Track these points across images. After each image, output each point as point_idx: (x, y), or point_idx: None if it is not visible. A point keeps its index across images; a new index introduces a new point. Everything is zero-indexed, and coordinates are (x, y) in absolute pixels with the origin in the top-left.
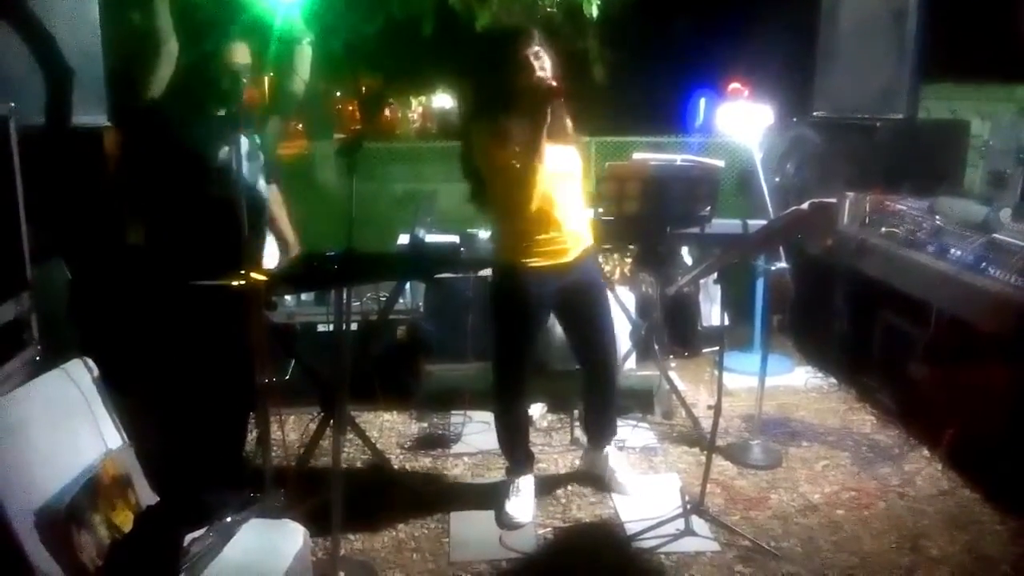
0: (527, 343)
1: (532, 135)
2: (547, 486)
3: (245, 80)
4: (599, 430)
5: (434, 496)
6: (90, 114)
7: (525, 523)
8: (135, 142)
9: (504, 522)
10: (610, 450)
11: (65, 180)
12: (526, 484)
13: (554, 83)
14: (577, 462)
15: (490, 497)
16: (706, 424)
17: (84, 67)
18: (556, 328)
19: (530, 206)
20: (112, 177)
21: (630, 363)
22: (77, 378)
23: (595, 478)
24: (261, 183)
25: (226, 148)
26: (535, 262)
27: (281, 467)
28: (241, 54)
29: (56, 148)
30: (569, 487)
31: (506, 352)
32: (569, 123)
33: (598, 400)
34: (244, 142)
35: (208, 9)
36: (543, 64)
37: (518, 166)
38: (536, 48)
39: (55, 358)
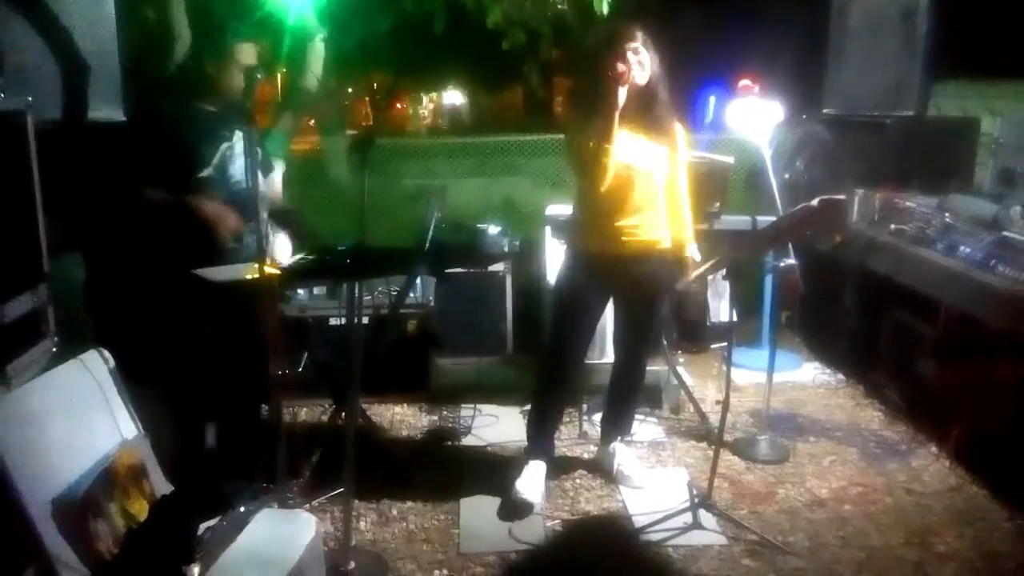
0: (572, 325)
1: (600, 121)
2: (556, 479)
3: (259, 78)
4: (610, 424)
5: (444, 488)
6: (106, 109)
7: (534, 502)
8: (135, 140)
9: (512, 498)
10: (616, 446)
11: (81, 174)
12: (537, 467)
13: (620, 72)
14: (586, 455)
15: (500, 489)
16: (714, 419)
17: (100, 62)
18: None
19: (593, 191)
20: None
21: None
22: (93, 369)
23: (603, 472)
24: (259, 179)
25: (225, 145)
26: (590, 247)
27: (293, 458)
28: (249, 54)
29: (72, 142)
30: (578, 480)
31: (552, 332)
32: (671, 126)
33: (619, 397)
34: (240, 139)
35: (223, 7)
36: (639, 59)
37: (585, 151)
38: (635, 44)
39: (71, 349)
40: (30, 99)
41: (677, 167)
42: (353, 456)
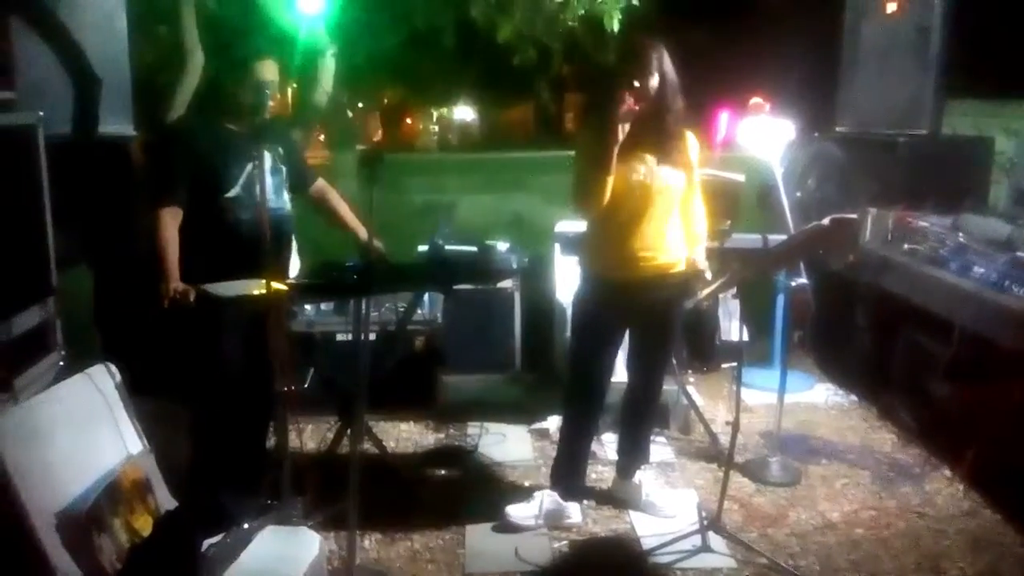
0: (598, 355)
1: (602, 148)
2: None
3: (270, 94)
4: (629, 454)
5: (450, 507)
6: (117, 124)
7: (523, 527)
8: (160, 154)
9: (502, 519)
10: (642, 476)
11: (91, 188)
12: (549, 498)
13: (628, 100)
14: (594, 475)
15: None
16: (724, 440)
17: (111, 77)
18: None
19: (617, 216)
20: (138, 186)
21: None
22: (100, 383)
23: (629, 505)
24: (285, 197)
25: (250, 164)
26: (608, 273)
27: (298, 475)
28: (269, 70)
29: (83, 157)
30: (585, 501)
31: (576, 362)
32: (688, 146)
33: (635, 422)
34: (267, 157)
35: (234, 22)
36: (648, 82)
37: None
38: (643, 64)
39: (79, 363)
40: (41, 114)
41: (692, 183)
42: (358, 473)
